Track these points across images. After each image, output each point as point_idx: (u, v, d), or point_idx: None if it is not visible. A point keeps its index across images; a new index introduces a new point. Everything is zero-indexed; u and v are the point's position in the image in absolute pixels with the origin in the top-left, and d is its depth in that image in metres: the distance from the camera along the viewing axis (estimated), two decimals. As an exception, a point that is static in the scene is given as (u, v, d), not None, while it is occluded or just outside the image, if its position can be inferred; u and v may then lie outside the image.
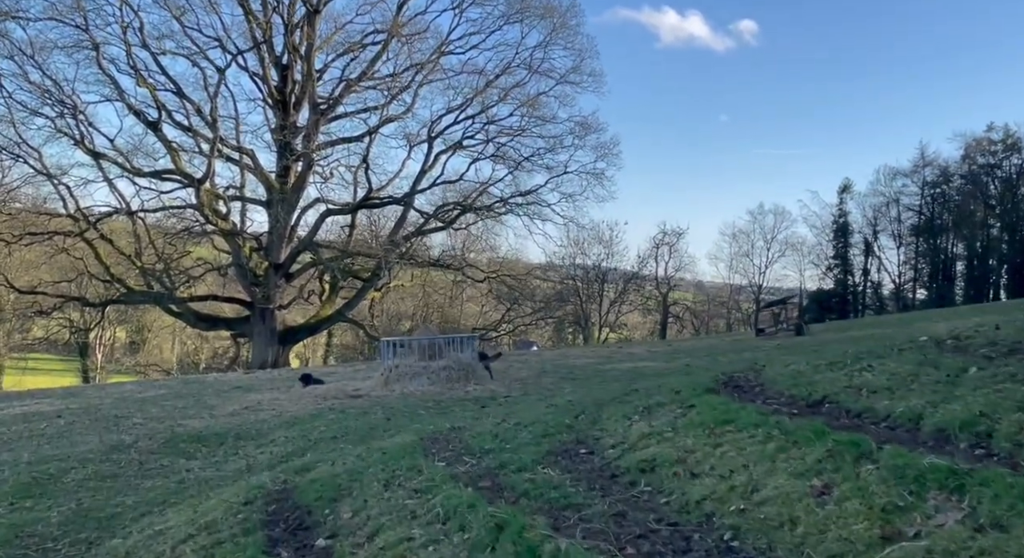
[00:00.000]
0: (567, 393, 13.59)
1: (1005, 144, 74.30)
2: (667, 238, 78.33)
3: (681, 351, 24.50)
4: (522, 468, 4.97)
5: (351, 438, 9.72)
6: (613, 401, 7.09)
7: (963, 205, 76.94)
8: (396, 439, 7.31)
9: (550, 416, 6.82)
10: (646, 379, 15.46)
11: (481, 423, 8.19)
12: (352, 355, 73.88)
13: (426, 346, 17.82)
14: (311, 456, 8.62)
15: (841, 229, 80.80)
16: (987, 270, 77.57)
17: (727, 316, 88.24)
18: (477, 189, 43.07)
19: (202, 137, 40.13)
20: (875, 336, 22.12)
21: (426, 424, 10.05)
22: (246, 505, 5.49)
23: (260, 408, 15.11)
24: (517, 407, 11.22)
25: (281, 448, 9.96)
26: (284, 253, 40.59)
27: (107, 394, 20.89)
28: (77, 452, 10.44)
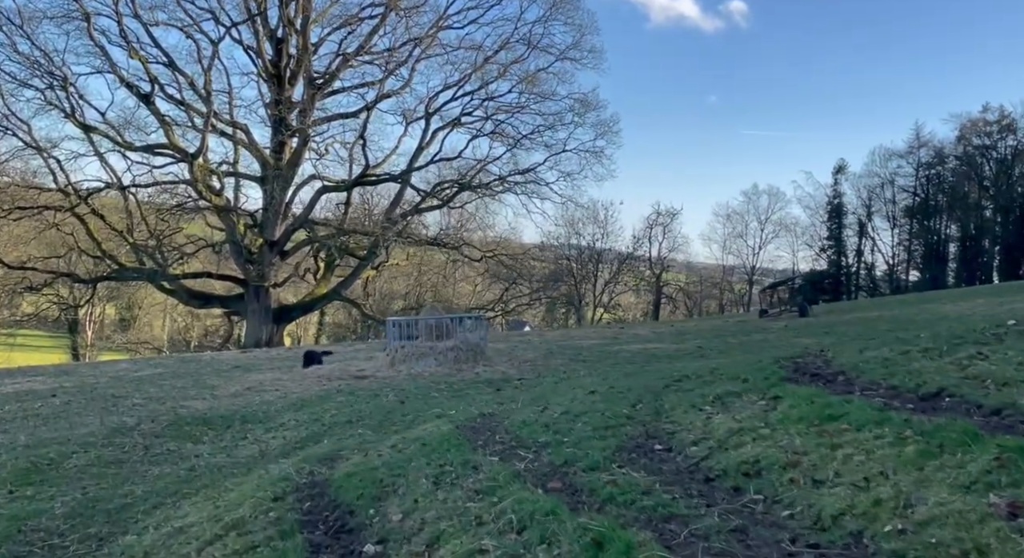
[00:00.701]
0: (581, 376, 13.17)
1: (1000, 125, 74.14)
2: (661, 218, 77.97)
3: (687, 333, 24.09)
4: (593, 467, 4.48)
5: (368, 423, 9.23)
6: (667, 389, 6.62)
7: (957, 186, 76.80)
8: (428, 427, 6.81)
9: (601, 405, 6.33)
10: (661, 362, 15.05)
11: (514, 409, 7.72)
12: (344, 333, 73.48)
13: (433, 326, 17.33)
14: (329, 443, 8.14)
15: (835, 210, 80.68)
16: (980, 252, 77.47)
17: (719, 297, 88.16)
18: (475, 167, 42.41)
19: (195, 111, 39.39)
20: (890, 318, 21.78)
21: (446, 408, 9.60)
22: (276, 501, 4.99)
23: (263, 389, 14.63)
24: (538, 391, 10.77)
25: (293, 433, 9.47)
26: (279, 230, 39.99)
27: (101, 372, 20.37)
28: (77, 435, 9.93)
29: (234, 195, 41.53)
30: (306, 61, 39.55)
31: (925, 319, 19.84)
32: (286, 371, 17.86)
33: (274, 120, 40.04)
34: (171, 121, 38.48)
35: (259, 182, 41.14)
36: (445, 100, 42.20)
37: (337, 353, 23.23)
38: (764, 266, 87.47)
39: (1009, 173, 74.35)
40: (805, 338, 17.65)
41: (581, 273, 74.39)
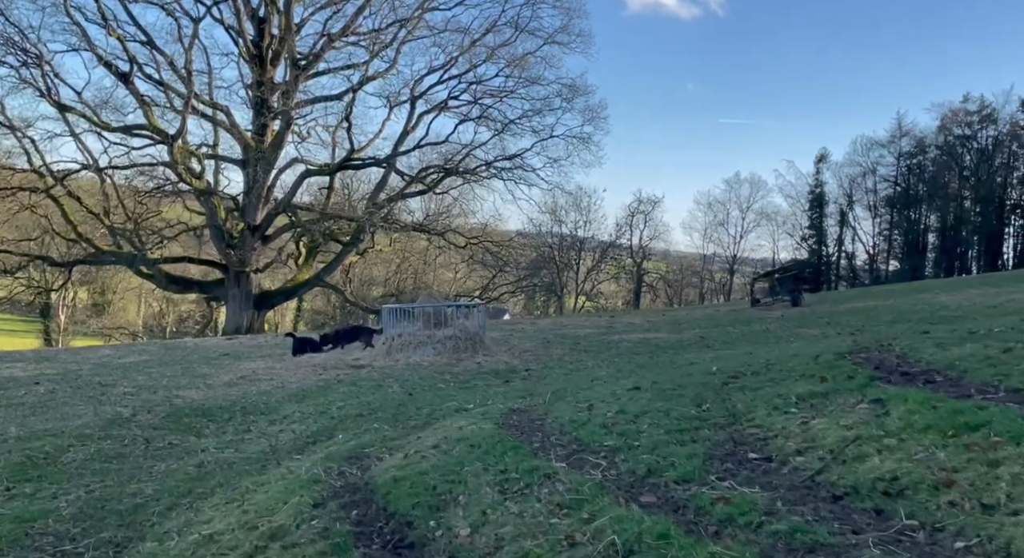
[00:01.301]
0: (591, 367, 12.83)
1: (980, 115, 74.66)
2: (642, 206, 77.88)
3: (681, 322, 23.84)
4: (687, 478, 4.07)
5: (381, 417, 8.80)
6: (728, 387, 6.22)
7: (938, 176, 77.29)
8: (461, 424, 6.38)
9: (659, 403, 5.94)
10: (667, 353, 14.76)
11: (542, 404, 7.34)
12: (323, 320, 72.79)
13: (431, 314, 16.89)
14: (344, 438, 7.72)
15: (817, 199, 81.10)
16: (959, 242, 78.09)
17: (700, 286, 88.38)
18: (461, 152, 41.87)
19: (174, 92, 38.50)
20: (888, 309, 21.62)
21: (461, 401, 9.19)
22: (318, 508, 4.56)
23: (257, 378, 14.15)
24: (553, 383, 10.41)
25: (301, 426, 9.02)
26: (261, 214, 39.29)
27: (83, 359, 19.74)
28: (71, 427, 9.41)
29: (214, 178, 40.82)
30: (289, 41, 38.75)
31: (926, 309, 19.71)
32: (277, 359, 17.38)
33: (256, 102, 39.27)
34: (150, 101, 37.59)
35: (240, 165, 40.37)
36: (431, 83, 41.71)
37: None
38: (745, 255, 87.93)
39: (990, 163, 74.91)
40: (810, 329, 17.44)
41: (563, 261, 74.11)
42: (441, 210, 47.32)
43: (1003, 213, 73.82)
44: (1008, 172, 74.78)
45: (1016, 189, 75.77)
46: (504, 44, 40.47)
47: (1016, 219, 75.70)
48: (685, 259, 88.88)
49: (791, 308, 27.58)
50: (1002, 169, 74.21)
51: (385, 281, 72.81)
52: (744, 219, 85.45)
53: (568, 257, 75.62)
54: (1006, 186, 74.33)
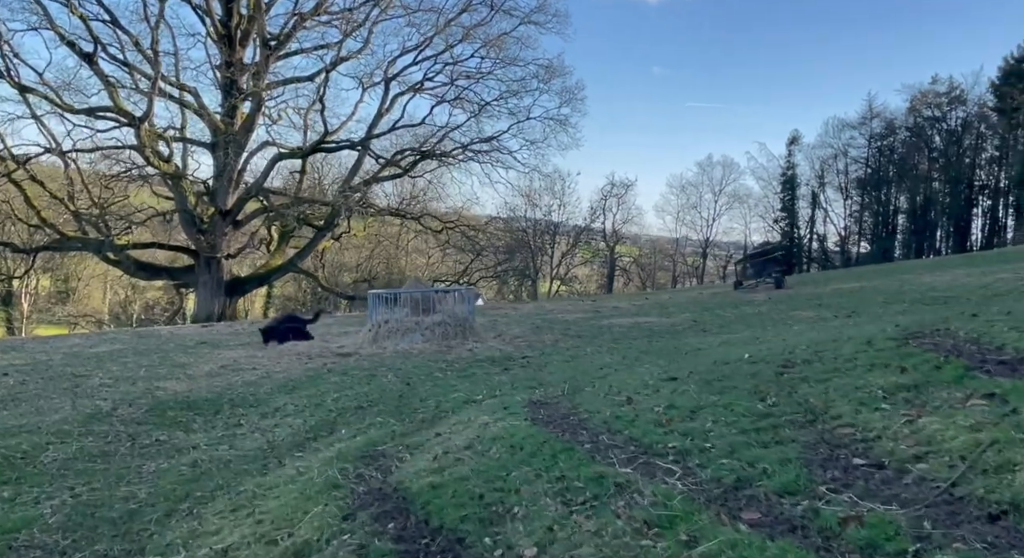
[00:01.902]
0: (590, 354, 12.41)
1: (950, 97, 75.15)
2: (615, 190, 77.61)
3: (667, 305, 23.49)
4: (790, 489, 3.59)
5: (383, 410, 8.29)
6: (784, 377, 5.77)
7: (907, 158, 77.85)
8: (486, 418, 5.90)
9: (713, 397, 5.46)
10: (664, 337, 14.38)
11: (561, 396, 6.89)
12: (294, 307, 71.78)
13: (419, 299, 16.35)
14: (348, 434, 7.23)
15: (789, 181, 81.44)
16: (928, 224, 78.78)
17: (672, 269, 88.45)
18: (437, 134, 41.16)
19: (140, 73, 37.35)
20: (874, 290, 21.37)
21: (469, 392, 8.72)
22: (348, 521, 4.07)
23: (240, 367, 13.54)
24: (557, 372, 9.96)
25: (297, 420, 8.49)
26: (231, 199, 38.33)
27: (53, 348, 18.94)
28: (48, 422, 8.79)
29: (183, 162, 39.72)
30: (259, 20, 37.68)
31: (915, 290, 19.48)
32: (258, 347, 16.74)
33: (225, 83, 38.21)
34: (116, 83, 36.42)
35: (210, 149, 39.35)
36: (405, 64, 40.89)
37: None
38: (717, 238, 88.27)
39: (958, 144, 75.53)
40: (803, 311, 17.14)
41: (537, 245, 73.63)
42: (415, 194, 46.62)
43: (972, 194, 74.58)
44: (976, 153, 75.52)
45: (984, 170, 76.54)
46: (480, 24, 39.78)
47: (984, 200, 76.49)
48: (657, 242, 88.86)
49: (775, 290, 27.36)
50: (971, 150, 74.89)
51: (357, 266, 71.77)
52: (717, 202, 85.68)
53: (542, 241, 75.16)
54: (974, 167, 75.04)
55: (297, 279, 62.89)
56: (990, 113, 73.36)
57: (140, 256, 40.08)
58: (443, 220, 44.67)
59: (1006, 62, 69.38)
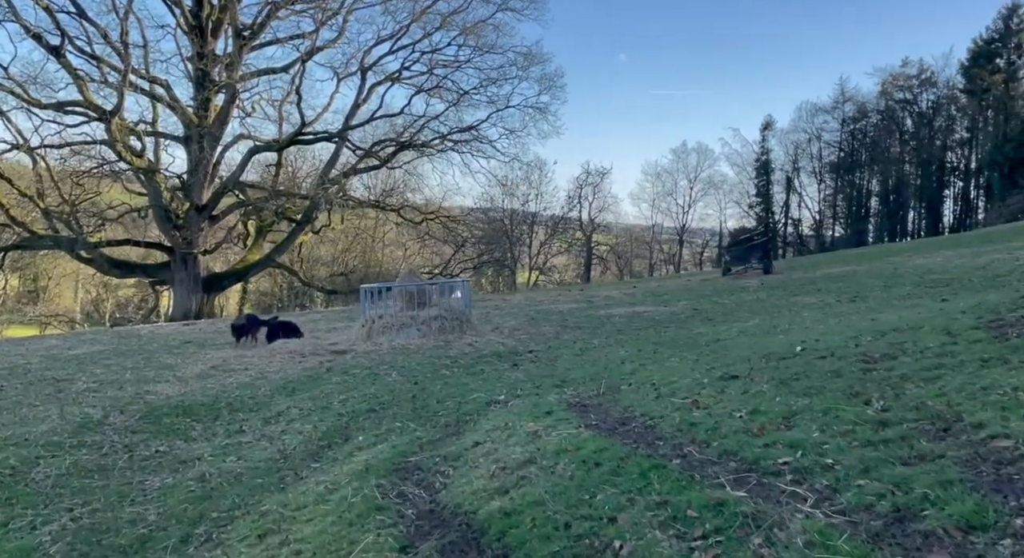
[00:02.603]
0: (599, 347, 11.98)
1: (920, 79, 75.62)
2: (591, 178, 77.24)
3: (659, 293, 23.13)
4: (975, 523, 3.04)
5: (399, 413, 7.78)
6: (870, 373, 5.34)
7: (879, 141, 78.28)
8: (535, 426, 5.41)
9: (798, 399, 4.95)
10: (670, 327, 13.98)
11: (600, 394, 6.43)
12: (270, 302, 70.80)
13: (414, 293, 15.81)
14: (367, 441, 6.73)
15: (763, 166, 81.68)
16: (901, 206, 79.29)
17: (649, 257, 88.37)
18: (416, 123, 40.44)
19: (109, 66, 36.23)
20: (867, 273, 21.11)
21: (489, 392, 8.21)
22: (408, 554, 3.57)
23: (231, 368, 12.96)
24: (577, 367, 9.50)
25: (305, 425, 7.96)
26: (207, 194, 37.46)
27: (29, 351, 18.22)
28: (36, 433, 8.20)
29: (155, 157, 38.73)
30: (231, 10, 36.73)
31: (912, 273, 19.22)
32: (246, 347, 16.14)
33: (197, 75, 37.26)
34: (84, 76, 35.35)
35: (183, 143, 38.43)
36: (382, 54, 40.11)
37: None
38: (693, 225, 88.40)
39: (929, 127, 76.02)
40: (806, 297, 16.81)
41: (516, 235, 73.05)
42: (396, 185, 45.99)
43: (943, 176, 75.11)
44: (947, 135, 76.09)
45: (955, 151, 77.11)
46: (457, 11, 39.07)
47: (955, 181, 77.05)
48: (632, 230, 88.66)
49: (764, 276, 27.14)
50: (941, 132, 75.44)
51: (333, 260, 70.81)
52: (692, 189, 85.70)
53: (520, 231, 74.62)
54: (945, 149, 75.57)
55: (272, 274, 61.85)
56: (960, 95, 73.87)
57: (113, 254, 39.10)
58: (423, 212, 44.04)
59: (975, 44, 69.80)
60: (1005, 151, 63.56)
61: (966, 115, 74.51)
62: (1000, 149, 64.25)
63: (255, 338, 16.16)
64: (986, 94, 69.79)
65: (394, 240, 69.01)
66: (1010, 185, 61.23)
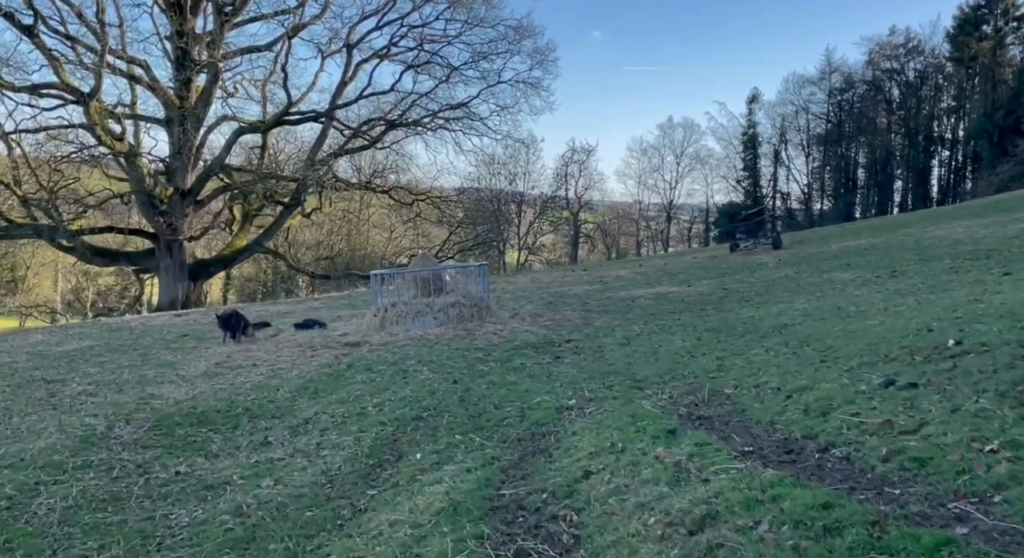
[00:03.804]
0: (643, 334, 11.05)
1: (907, 48, 75.03)
2: (576, 156, 76.20)
3: (673, 272, 22.23)
4: None
5: (454, 422, 6.77)
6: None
7: (866, 111, 77.76)
8: (656, 452, 4.47)
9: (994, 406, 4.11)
10: (704, 310, 13.08)
11: (734, 403, 5.49)
12: (255, 288, 69.57)
13: (429, 279, 14.80)
14: (429, 460, 5.75)
15: (750, 140, 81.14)
16: (890, 178, 78.94)
17: (636, 234, 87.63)
18: (406, 101, 39.18)
19: (84, 46, 34.66)
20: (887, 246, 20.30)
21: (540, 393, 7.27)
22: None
23: (238, 365, 11.93)
24: (639, 361, 8.55)
25: (343, 436, 6.96)
26: (191, 178, 36.11)
27: (13, 347, 17.08)
28: (32, 451, 7.16)
29: (135, 140, 37.31)
30: (212, -15, 35.31)
31: (939, 245, 18.42)
32: (249, 339, 15.08)
33: (177, 55, 35.80)
34: (60, 57, 33.81)
35: (164, 125, 37.01)
36: (368, 29, 38.74)
37: (279, 314, 20.48)
38: (681, 201, 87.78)
39: (917, 96, 75.49)
40: (838, 273, 15.97)
41: (504, 214, 71.89)
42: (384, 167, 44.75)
43: (930, 146, 74.67)
44: (934, 104, 75.61)
45: (941, 121, 76.69)
46: (446, -17, 37.75)
47: (942, 150, 76.65)
48: (618, 207, 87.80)
49: (773, 251, 26.36)
50: (928, 102, 74.94)
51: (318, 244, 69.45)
52: (679, 164, 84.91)
53: (509, 211, 73.49)
54: (932, 118, 75.13)
55: (257, 260, 60.52)
56: (946, 63, 73.37)
57: (95, 241, 37.76)
58: (413, 193, 42.90)
59: (961, 11, 69.24)
60: (995, 119, 63.12)
61: (952, 83, 74.05)
62: (989, 117, 63.77)
63: (244, 334, 15.03)
64: (973, 62, 69.37)
65: (379, 222, 67.82)
66: (999, 153, 60.86)
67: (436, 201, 43.19)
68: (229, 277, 67.79)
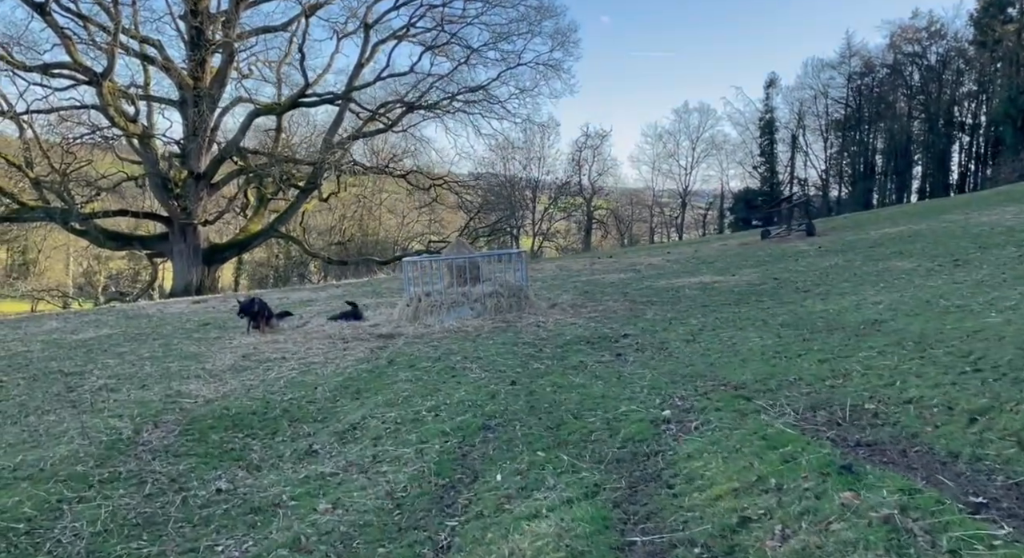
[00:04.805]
0: (707, 329, 10.23)
1: (929, 31, 73.67)
2: (590, 141, 75.11)
3: (709, 260, 21.37)
4: None
5: (528, 435, 5.93)
6: None
7: (886, 96, 76.43)
8: (845, 498, 3.67)
9: None
10: (761, 302, 12.27)
11: (899, 428, 4.66)
12: (265, 272, 68.94)
13: (465, 267, 14.00)
14: (518, 485, 4.94)
15: (768, 125, 79.93)
16: (910, 164, 77.74)
17: (650, 221, 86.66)
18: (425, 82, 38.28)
19: (96, 25, 33.96)
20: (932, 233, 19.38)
21: (622, 399, 6.47)
22: None
23: (266, 358, 11.17)
24: (725, 362, 7.74)
25: (402, 449, 6.13)
26: (205, 160, 35.38)
27: (28, 334, 16.40)
28: (53, 459, 6.39)
29: (148, 122, 36.59)
30: (227, -37, 34.45)
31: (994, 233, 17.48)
32: (273, 330, 14.32)
33: (191, 34, 35.00)
34: (73, 36, 33.02)
35: (177, 106, 36.28)
36: (385, 9, 37.86)
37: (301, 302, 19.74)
38: (696, 187, 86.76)
39: (939, 81, 74.13)
40: (894, 261, 15.10)
41: (519, 200, 70.82)
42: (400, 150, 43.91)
43: (951, 132, 73.34)
44: (955, 89, 74.20)
45: (962, 106, 75.31)
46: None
47: (963, 136, 75.32)
48: (632, 194, 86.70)
49: (808, 238, 25.50)
50: (949, 86, 73.55)
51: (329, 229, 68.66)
52: (695, 150, 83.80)
53: (524, 197, 72.45)
54: (953, 103, 73.74)
55: (269, 244, 59.80)
56: (968, 47, 71.90)
57: (108, 225, 37.14)
58: (431, 177, 42.07)
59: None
60: (1019, 103, 61.77)
61: (974, 68, 72.54)
62: (1014, 101, 62.35)
63: (268, 324, 14.23)
64: (997, 45, 67.84)
65: (392, 207, 67.09)
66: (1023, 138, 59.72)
67: (454, 186, 42.32)
68: (241, 262, 67.14)
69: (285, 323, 14.88)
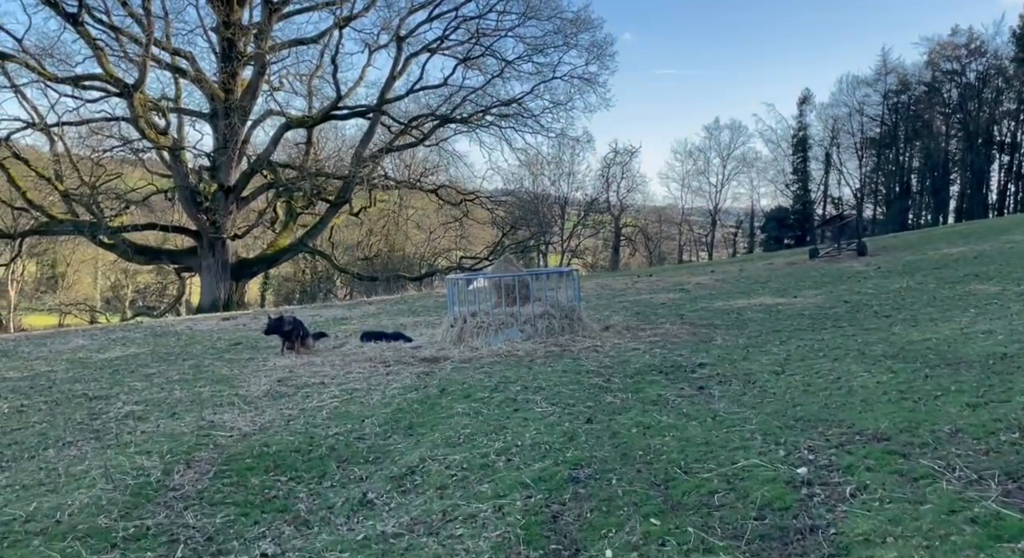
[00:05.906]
0: (796, 358, 9.26)
1: (969, 49, 72.39)
2: (619, 158, 74.34)
3: (762, 280, 20.34)
4: None
5: (631, 493, 4.99)
6: None
7: (923, 113, 75.11)
8: None
9: None
10: (843, 328, 11.25)
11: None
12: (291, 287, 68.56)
13: (514, 286, 13.08)
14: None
15: (801, 143, 78.83)
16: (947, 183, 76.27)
17: (679, 238, 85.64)
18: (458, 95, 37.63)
19: (128, 36, 33.67)
20: (996, 255, 18.28)
21: (726, 448, 5.51)
22: None
23: (305, 383, 10.30)
24: (837, 404, 6.77)
25: (475, 504, 5.21)
26: (235, 174, 34.87)
27: (52, 353, 15.73)
28: (72, 508, 5.53)
29: (178, 135, 36.22)
30: (260, -25, 34.08)
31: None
32: (308, 351, 13.48)
33: (223, 47, 34.64)
34: (103, 47, 32.70)
35: (208, 119, 35.88)
36: (419, 21, 37.28)
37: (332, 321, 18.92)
38: (726, 205, 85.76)
39: (978, 99, 72.69)
40: (976, 284, 14.04)
41: (548, 216, 69.99)
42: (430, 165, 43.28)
43: (989, 151, 71.79)
44: (995, 107, 72.72)
45: (1002, 125, 73.74)
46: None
47: (1003, 155, 73.72)
48: (662, 212, 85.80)
49: (859, 257, 24.47)
50: (988, 104, 72.07)
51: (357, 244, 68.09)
52: (726, 167, 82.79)
53: (552, 212, 71.63)
54: (992, 122, 72.22)
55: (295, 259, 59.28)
56: (1008, 65, 70.51)
57: (136, 239, 36.72)
58: (462, 192, 41.36)
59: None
60: (1061, 122, 60.34)
61: (1013, 86, 71.00)
62: (1058, 120, 60.94)
63: (303, 344, 13.34)
64: (1039, 62, 66.58)
65: (419, 222, 66.55)
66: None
67: (486, 202, 41.58)
68: (267, 277, 66.69)
69: (320, 343, 14.05)
